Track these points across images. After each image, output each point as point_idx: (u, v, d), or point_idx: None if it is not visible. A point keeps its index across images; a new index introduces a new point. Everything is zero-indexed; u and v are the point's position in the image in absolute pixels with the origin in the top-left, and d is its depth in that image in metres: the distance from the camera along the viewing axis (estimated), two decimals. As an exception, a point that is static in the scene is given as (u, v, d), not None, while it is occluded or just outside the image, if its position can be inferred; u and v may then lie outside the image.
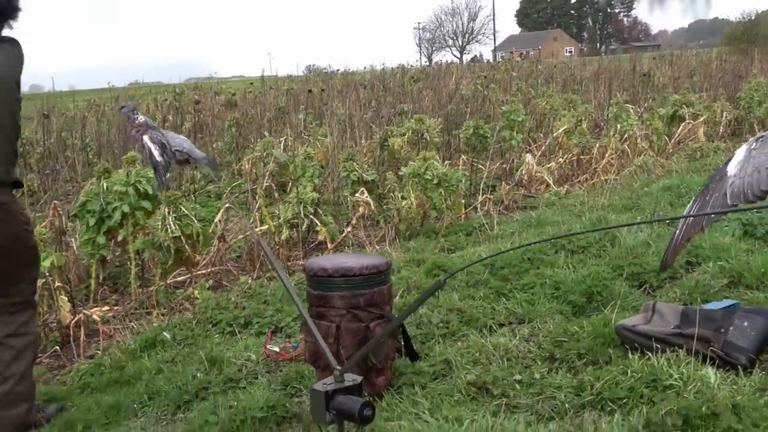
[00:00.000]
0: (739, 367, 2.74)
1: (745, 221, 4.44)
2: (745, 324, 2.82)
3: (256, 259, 5.50)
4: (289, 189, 6.93)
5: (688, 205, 2.56)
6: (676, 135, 9.48)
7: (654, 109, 10.27)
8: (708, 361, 2.80)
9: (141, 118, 3.07)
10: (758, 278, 3.65)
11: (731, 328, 2.82)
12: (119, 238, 4.94)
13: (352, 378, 1.84)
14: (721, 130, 10.35)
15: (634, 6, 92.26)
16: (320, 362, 2.79)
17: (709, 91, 13.03)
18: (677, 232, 2.55)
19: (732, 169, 2.44)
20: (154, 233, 4.73)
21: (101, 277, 5.18)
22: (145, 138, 3.04)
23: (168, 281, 5.04)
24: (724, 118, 10.51)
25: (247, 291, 4.34)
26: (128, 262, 5.10)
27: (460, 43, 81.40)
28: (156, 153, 3.02)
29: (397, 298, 3.78)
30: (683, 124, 9.64)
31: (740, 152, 2.50)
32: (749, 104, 10.64)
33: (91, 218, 4.86)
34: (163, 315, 4.41)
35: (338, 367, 1.85)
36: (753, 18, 39.60)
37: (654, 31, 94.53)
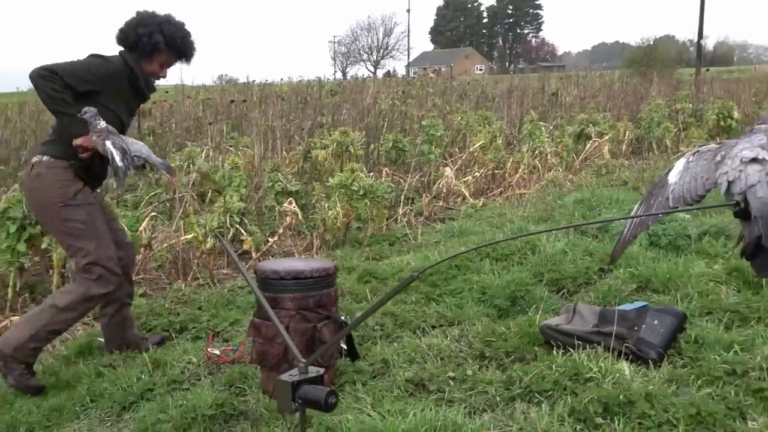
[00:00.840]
0: (650, 361, 3.03)
1: (651, 233, 4.80)
2: (656, 322, 3.11)
3: (180, 268, 5.51)
4: (209, 199, 6.96)
5: (635, 207, 2.89)
6: (584, 152, 10.00)
7: (563, 127, 10.81)
8: (623, 356, 3.07)
9: (102, 124, 3.11)
10: (663, 283, 3.99)
11: (643, 326, 3.11)
12: (42, 246, 4.87)
13: (315, 369, 1.98)
14: (624, 148, 10.98)
15: (542, 28, 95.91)
16: (267, 362, 2.91)
17: (613, 111, 13.75)
18: (626, 230, 2.89)
19: (672, 177, 2.80)
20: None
21: (18, 286, 5.06)
22: (108, 143, 3.07)
23: (94, 289, 5.00)
24: (626, 137, 11.16)
25: (181, 297, 4.38)
26: (49, 271, 5.02)
27: (375, 57, 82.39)
28: (117, 158, 3.06)
29: (332, 303, 3.93)
30: (590, 141, 10.17)
31: (680, 163, 2.87)
32: (649, 124, 11.33)
33: (11, 225, 4.77)
34: (86, 324, 4.37)
35: (303, 360, 1.98)
36: (651, 43, 41.81)
37: (559, 52, 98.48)
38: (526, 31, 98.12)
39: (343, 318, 3.00)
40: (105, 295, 3.38)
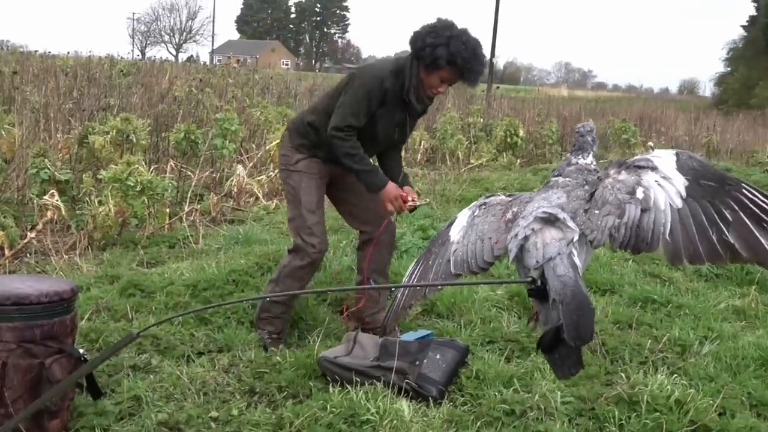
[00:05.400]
0: (430, 398, 2.85)
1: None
2: (438, 357, 2.94)
3: None
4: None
5: (411, 266, 2.49)
6: (381, 159, 9.97)
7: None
8: (403, 393, 2.87)
9: None
10: (448, 308, 3.88)
11: (425, 360, 2.92)
12: None
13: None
14: (419, 157, 11.14)
15: (348, 29, 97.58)
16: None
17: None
18: (399, 296, 2.47)
19: (455, 234, 2.35)
20: None
21: None
22: None
23: None
24: (422, 147, 11.33)
25: None
26: None
27: (177, 40, 78.85)
28: None
29: (84, 321, 3.38)
30: (388, 148, 10.17)
31: (463, 216, 2.42)
32: (443, 135, 11.59)
33: None
34: None
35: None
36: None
37: (364, 55, 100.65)
38: (332, 31, 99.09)
39: (81, 351, 2.50)
40: (304, 267, 3.42)
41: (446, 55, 3.20)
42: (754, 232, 1.79)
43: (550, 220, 2.06)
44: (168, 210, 6.11)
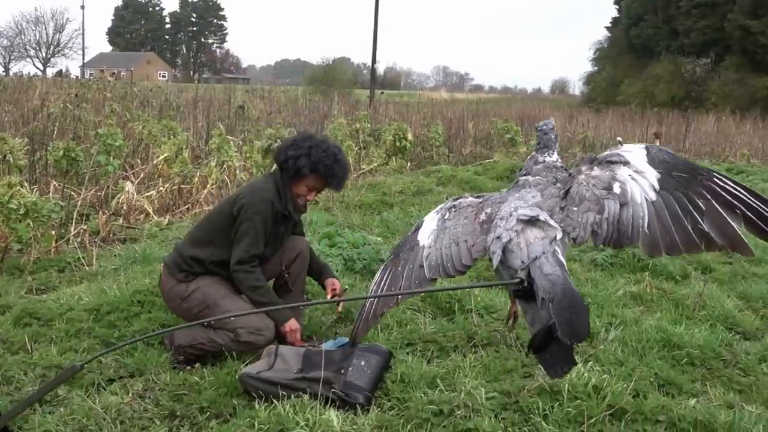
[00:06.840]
0: (357, 405, 2.82)
1: (346, 257, 4.71)
2: (362, 363, 2.92)
3: None
4: None
5: (378, 274, 2.42)
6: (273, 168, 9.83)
7: (252, 142, 10.56)
8: (330, 402, 2.83)
9: None
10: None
11: (350, 368, 2.89)
12: None
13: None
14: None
15: (227, 39, 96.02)
16: None
17: (299, 127, 13.87)
18: (368, 305, 2.40)
19: (425, 238, 2.32)
20: None
21: None
22: None
23: None
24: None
25: None
26: None
27: (45, 54, 74.98)
28: None
29: (-23, 356, 3.14)
30: (279, 157, 10.04)
31: (431, 220, 2.39)
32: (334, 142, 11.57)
33: None
34: None
35: None
36: (331, 63, 43.95)
37: (244, 64, 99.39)
38: (210, 41, 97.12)
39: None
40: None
41: (308, 164, 3.34)
42: (727, 219, 1.86)
43: (531, 220, 2.05)
44: (54, 232, 5.78)
